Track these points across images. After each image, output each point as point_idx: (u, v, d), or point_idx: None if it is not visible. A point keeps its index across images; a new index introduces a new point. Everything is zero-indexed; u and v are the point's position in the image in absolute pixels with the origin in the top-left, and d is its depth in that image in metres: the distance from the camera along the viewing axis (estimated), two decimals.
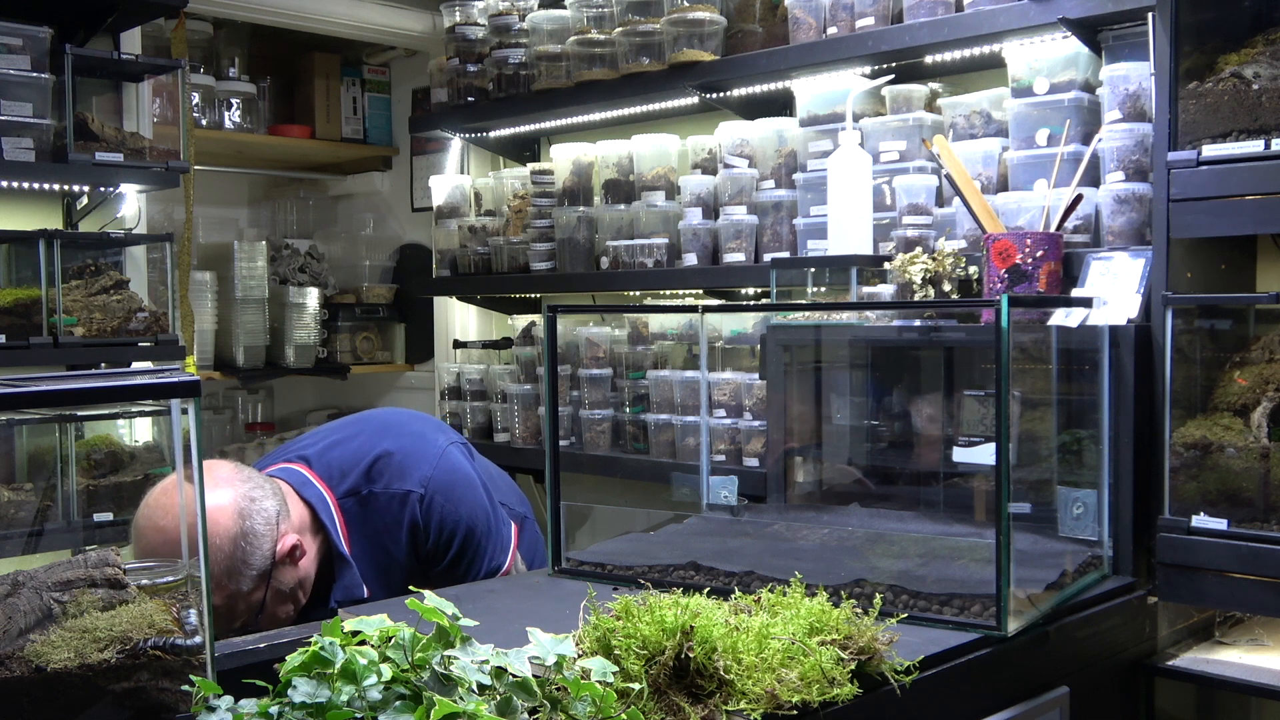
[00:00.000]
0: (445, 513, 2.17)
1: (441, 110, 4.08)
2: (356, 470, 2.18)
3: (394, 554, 2.16)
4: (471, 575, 2.20)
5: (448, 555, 2.18)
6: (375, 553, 2.16)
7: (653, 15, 3.35)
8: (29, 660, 1.21)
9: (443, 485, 2.18)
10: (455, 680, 1.20)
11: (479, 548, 2.20)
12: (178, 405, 1.33)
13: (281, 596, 2.00)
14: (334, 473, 2.18)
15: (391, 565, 2.17)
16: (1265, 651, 2.22)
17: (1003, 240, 2.34)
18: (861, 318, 2.53)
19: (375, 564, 2.16)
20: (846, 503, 2.44)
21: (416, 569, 2.18)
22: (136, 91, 3.54)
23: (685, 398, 3.33)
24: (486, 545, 2.21)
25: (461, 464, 2.24)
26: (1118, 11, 2.39)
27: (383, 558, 2.16)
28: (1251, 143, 2.05)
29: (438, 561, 2.19)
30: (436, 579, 2.18)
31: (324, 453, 2.21)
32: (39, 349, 3.10)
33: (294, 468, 2.17)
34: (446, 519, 2.17)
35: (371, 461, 2.18)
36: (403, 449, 2.20)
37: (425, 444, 2.23)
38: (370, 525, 2.16)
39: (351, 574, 2.11)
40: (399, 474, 2.17)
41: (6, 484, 3.11)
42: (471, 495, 2.21)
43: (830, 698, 1.40)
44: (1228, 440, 2.08)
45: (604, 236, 3.61)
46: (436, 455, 2.21)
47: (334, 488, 2.16)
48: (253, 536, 1.94)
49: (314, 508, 2.11)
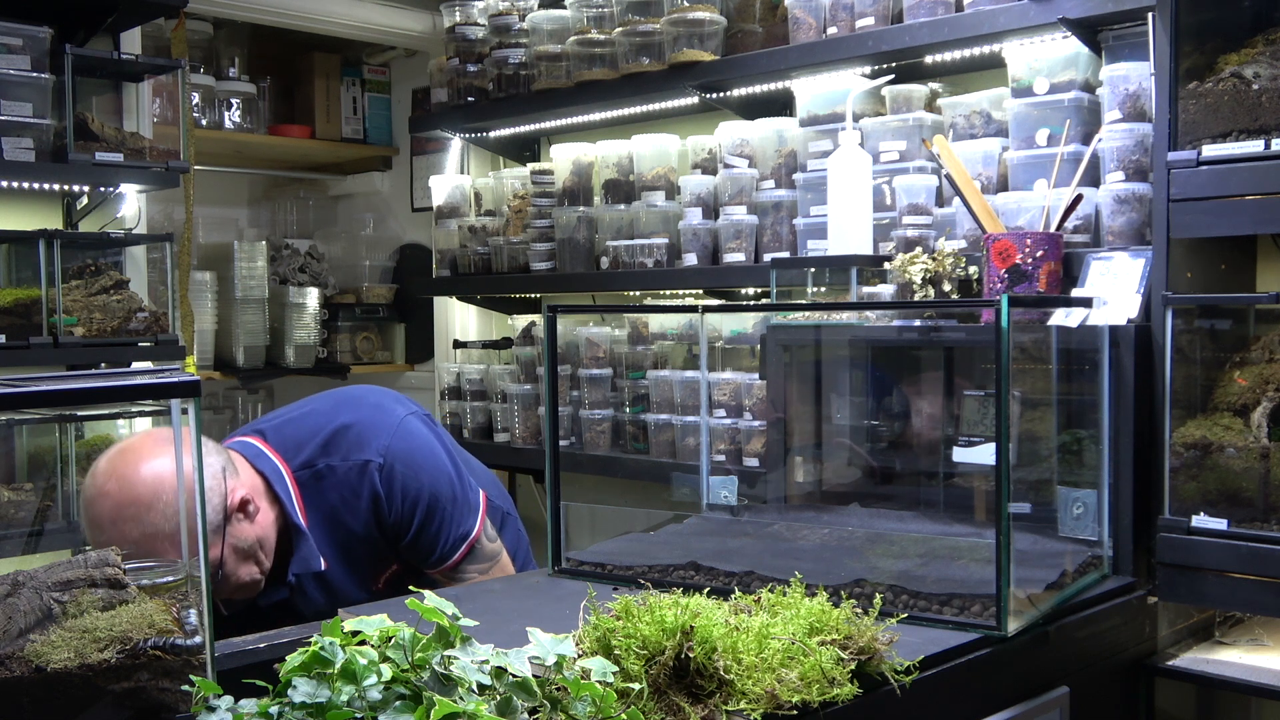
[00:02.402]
0: (407, 480, 2.13)
1: (441, 110, 4.08)
2: (313, 444, 2.15)
3: (354, 528, 2.12)
4: (441, 543, 2.16)
5: (413, 524, 2.14)
6: (334, 528, 2.12)
7: (653, 15, 3.35)
8: (29, 660, 1.21)
9: (402, 453, 2.15)
10: (455, 680, 1.20)
11: (445, 514, 2.16)
12: (178, 405, 1.33)
13: (241, 554, 1.98)
14: (289, 446, 2.15)
15: (353, 540, 2.13)
16: (1265, 651, 2.22)
17: (1003, 240, 2.34)
18: (861, 318, 2.53)
19: (334, 539, 2.13)
20: (846, 503, 2.43)
21: (381, 543, 2.15)
22: (136, 91, 3.54)
23: (685, 398, 3.33)
24: (452, 511, 2.17)
25: (421, 431, 2.20)
26: (1118, 11, 2.39)
27: (342, 533, 2.13)
28: (1251, 143, 2.05)
29: (404, 532, 2.15)
30: (406, 551, 2.16)
31: (280, 428, 2.19)
32: (39, 349, 3.10)
33: (248, 440, 2.15)
34: (409, 487, 2.13)
35: (329, 435, 2.16)
36: (360, 420, 2.18)
37: (383, 414, 2.20)
38: (327, 499, 2.12)
39: (308, 545, 2.08)
40: (357, 445, 2.14)
41: (6, 484, 3.12)
42: (433, 461, 2.18)
43: (830, 698, 1.40)
44: (1228, 440, 2.08)
45: (604, 236, 3.61)
46: (395, 424, 2.18)
47: (289, 461, 2.13)
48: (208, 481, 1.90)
49: (268, 479, 2.08)
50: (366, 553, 2.15)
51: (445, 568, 2.18)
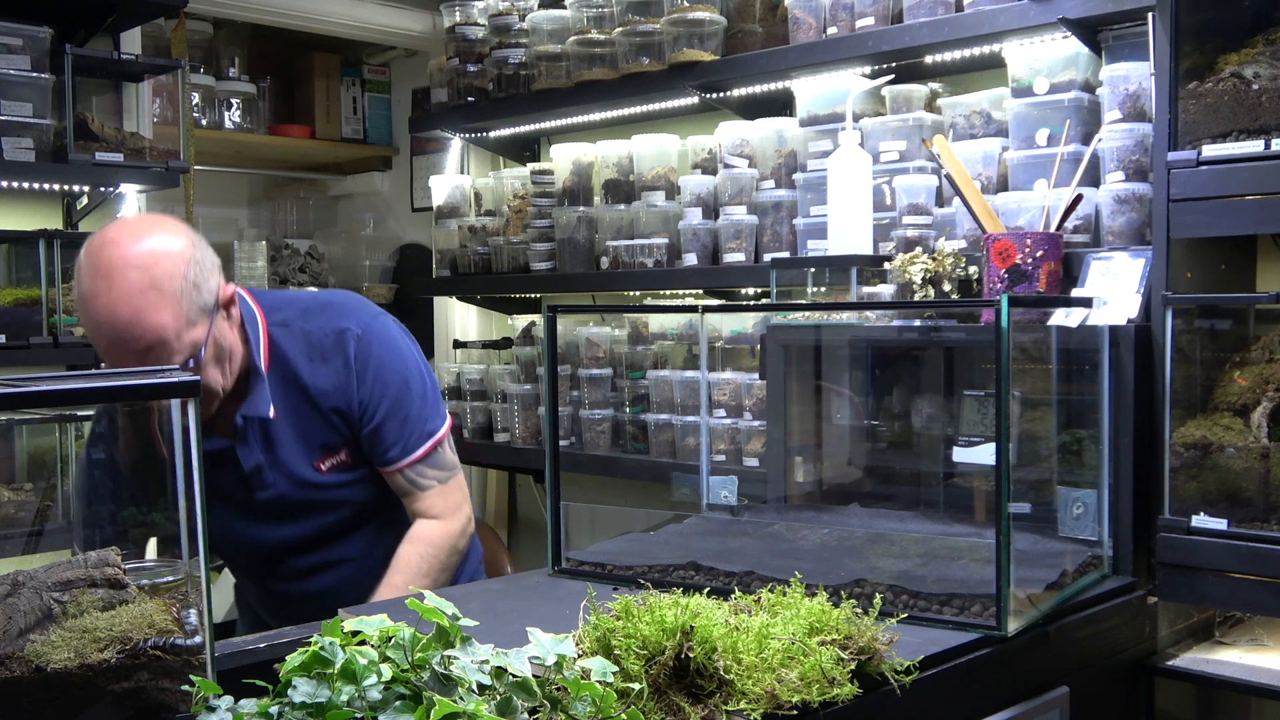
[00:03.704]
0: (381, 360, 2.16)
1: (441, 110, 4.08)
2: (293, 308, 2.20)
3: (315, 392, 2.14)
4: (406, 434, 2.16)
5: (380, 407, 2.14)
6: (294, 389, 2.14)
7: (653, 15, 3.35)
8: (29, 660, 1.21)
9: (380, 334, 2.19)
10: (455, 680, 1.20)
11: (414, 406, 2.17)
12: (177, 405, 1.33)
13: (216, 352, 2.01)
14: (269, 304, 2.19)
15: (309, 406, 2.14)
16: (1265, 651, 2.22)
17: (1003, 240, 2.34)
18: (861, 318, 2.53)
19: (290, 400, 2.14)
20: (846, 503, 2.43)
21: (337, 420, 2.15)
22: (136, 91, 3.54)
23: (685, 398, 3.33)
24: (421, 406, 2.18)
25: (399, 329, 2.26)
26: (1118, 11, 2.39)
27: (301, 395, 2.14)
28: (1251, 143, 2.05)
29: (370, 413, 2.15)
30: (368, 440, 2.16)
31: (264, 292, 2.25)
32: (39, 349, 3.10)
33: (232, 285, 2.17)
34: (383, 366, 2.15)
35: (309, 304, 2.22)
36: (345, 301, 2.25)
37: (366, 305, 2.26)
38: (294, 358, 2.14)
39: (262, 390, 2.10)
40: (337, 316, 2.19)
41: (6, 484, 3.12)
42: (408, 352, 2.22)
43: (830, 698, 1.40)
44: (1228, 440, 2.08)
45: (604, 236, 3.61)
46: (376, 312, 2.25)
47: (267, 315, 2.17)
48: (203, 265, 1.97)
49: (244, 319, 2.11)
50: (320, 424, 2.15)
51: (406, 463, 2.17)
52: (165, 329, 1.88)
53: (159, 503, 1.88)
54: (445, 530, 2.21)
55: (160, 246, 1.92)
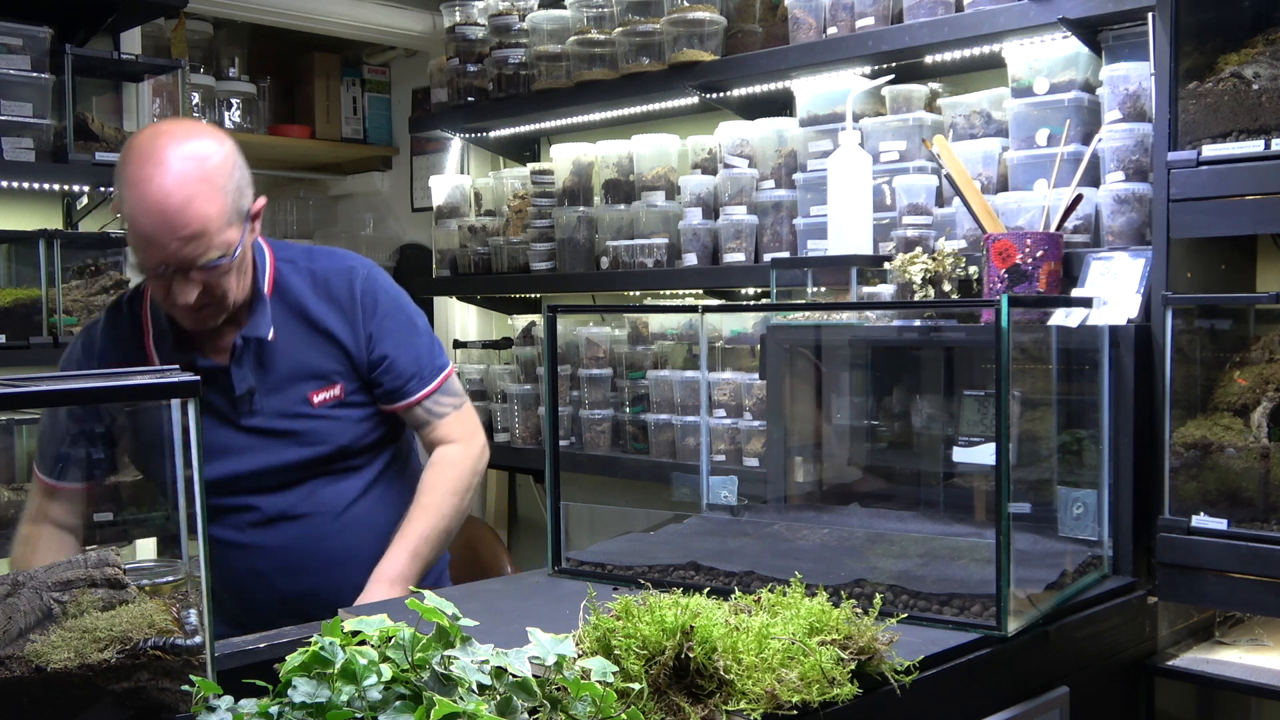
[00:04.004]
0: (389, 294, 2.25)
1: (441, 110, 4.08)
2: (299, 250, 2.27)
3: (318, 319, 2.19)
4: (421, 367, 2.23)
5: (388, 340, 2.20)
6: (296, 317, 2.18)
7: (653, 15, 3.35)
8: (29, 660, 1.21)
9: (384, 277, 2.29)
10: (455, 680, 1.20)
11: (425, 339, 2.26)
12: (177, 405, 1.33)
13: (242, 261, 2.05)
14: (276, 245, 2.25)
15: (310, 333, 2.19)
16: (1265, 651, 2.22)
17: (1003, 240, 2.34)
18: (861, 318, 2.53)
19: (290, 327, 2.18)
20: (846, 503, 2.44)
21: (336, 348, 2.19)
22: (136, 91, 3.54)
23: (685, 398, 3.33)
24: (430, 341, 2.27)
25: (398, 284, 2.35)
26: (1118, 11, 2.39)
27: (302, 322, 2.19)
28: (1251, 143, 2.05)
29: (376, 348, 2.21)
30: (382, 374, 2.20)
31: (272, 240, 2.29)
32: (39, 349, 3.10)
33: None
34: (391, 301, 2.24)
35: (318, 250, 2.30)
36: (349, 252, 2.33)
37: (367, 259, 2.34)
38: (299, 290, 2.20)
39: (263, 312, 2.14)
40: (344, 258, 2.28)
41: (6, 484, 3.11)
42: (410, 300, 2.30)
43: (830, 698, 1.40)
44: (1228, 440, 2.08)
45: (604, 236, 3.61)
46: (376, 264, 2.32)
47: (275, 253, 2.23)
48: (245, 172, 2.05)
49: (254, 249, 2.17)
50: (317, 354, 2.19)
51: (424, 393, 2.24)
52: (211, 220, 1.94)
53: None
54: (466, 452, 2.27)
55: (213, 143, 2.00)
